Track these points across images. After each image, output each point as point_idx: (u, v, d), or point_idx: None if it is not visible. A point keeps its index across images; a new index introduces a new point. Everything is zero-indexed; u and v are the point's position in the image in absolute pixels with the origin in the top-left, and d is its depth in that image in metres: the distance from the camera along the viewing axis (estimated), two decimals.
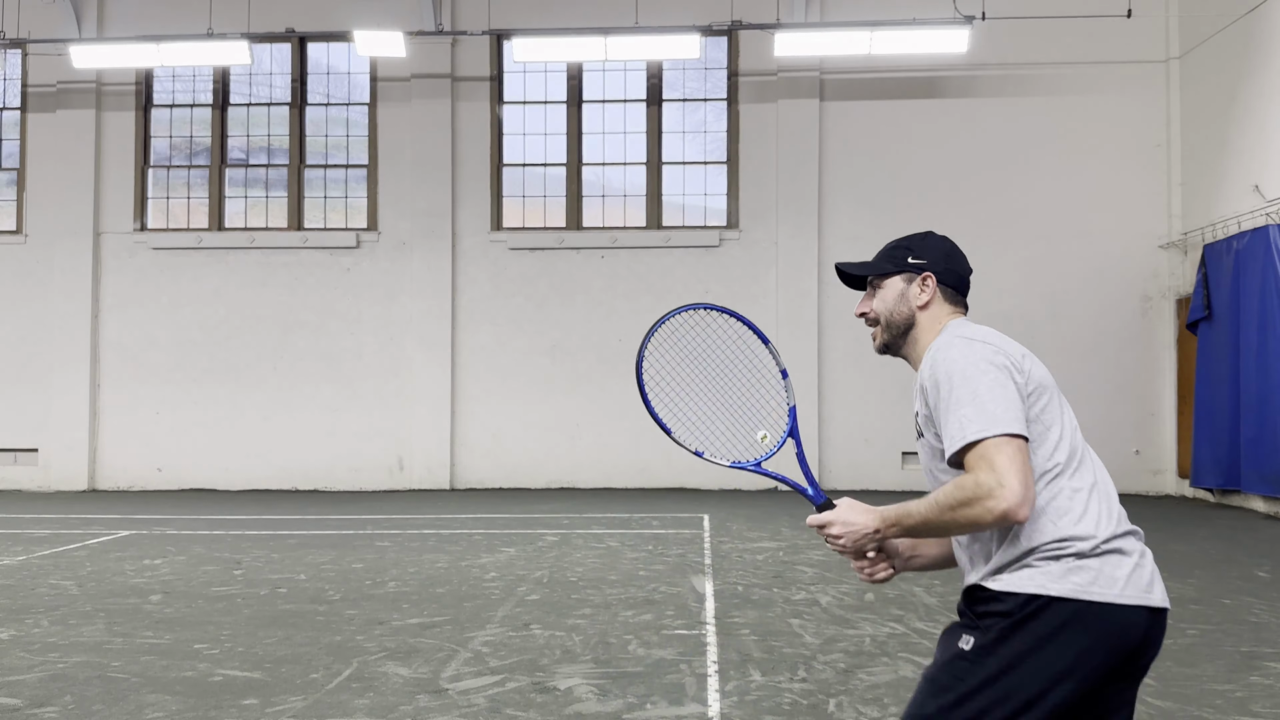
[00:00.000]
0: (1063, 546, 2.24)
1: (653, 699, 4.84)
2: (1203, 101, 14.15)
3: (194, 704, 4.80)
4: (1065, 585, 2.19)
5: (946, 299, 2.59)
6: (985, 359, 2.33)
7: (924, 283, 2.55)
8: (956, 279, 2.60)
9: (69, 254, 15.80)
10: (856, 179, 15.27)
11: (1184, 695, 4.89)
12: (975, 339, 2.41)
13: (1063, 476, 2.31)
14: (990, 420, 2.20)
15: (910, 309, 2.56)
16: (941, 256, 2.58)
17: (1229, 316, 12.78)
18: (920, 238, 2.62)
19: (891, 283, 2.58)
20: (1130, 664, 2.25)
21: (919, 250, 2.57)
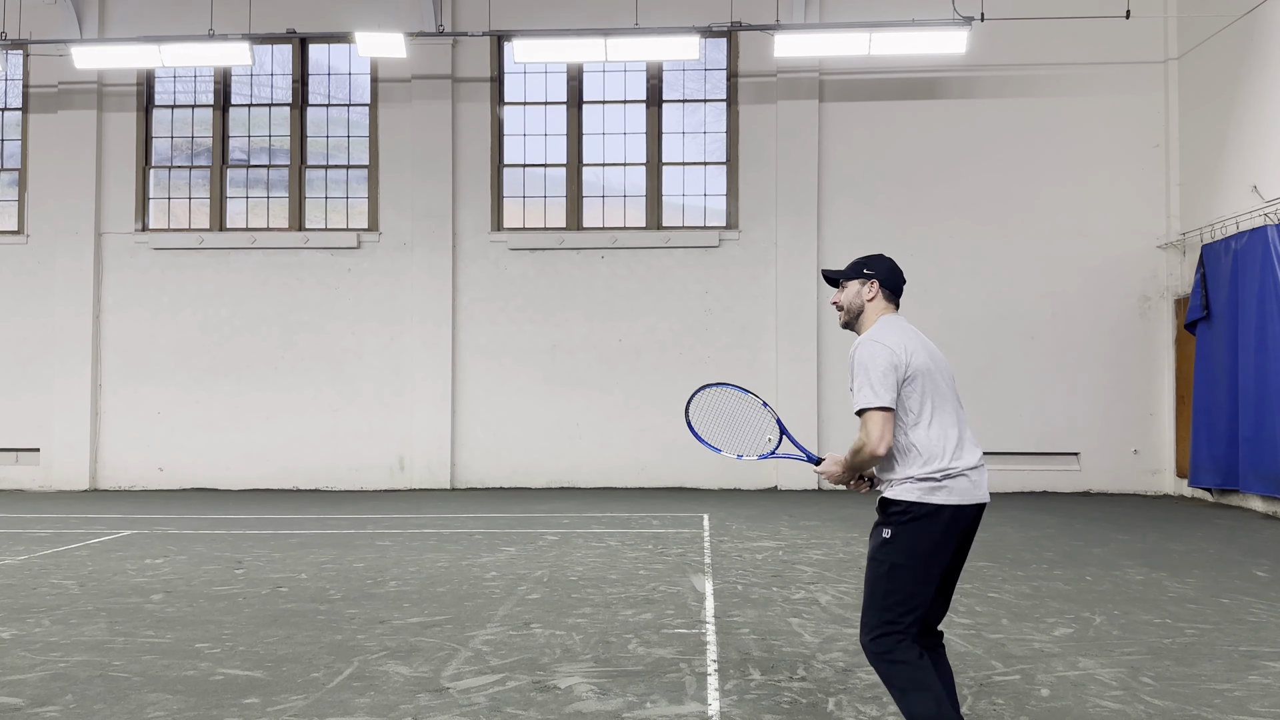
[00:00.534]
0: (923, 472, 3.66)
1: (653, 698, 4.86)
2: (1201, 102, 14.17)
3: (195, 703, 4.83)
4: (927, 496, 3.65)
5: (885, 298, 3.91)
6: (880, 357, 3.67)
7: (870, 285, 3.91)
8: (893, 285, 3.93)
9: (70, 254, 15.83)
10: (856, 179, 15.30)
11: (1183, 694, 4.91)
12: (880, 342, 3.72)
13: (920, 427, 3.70)
14: (872, 397, 3.63)
15: (861, 302, 3.93)
16: (885, 270, 3.93)
17: (1227, 316, 12.80)
18: (874, 257, 3.98)
19: (852, 284, 3.95)
20: (969, 531, 3.77)
21: (871, 265, 3.94)
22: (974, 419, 14.31)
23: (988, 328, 15.10)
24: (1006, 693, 4.93)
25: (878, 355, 3.66)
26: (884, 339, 3.71)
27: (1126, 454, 14.86)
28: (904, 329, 3.79)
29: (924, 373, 3.72)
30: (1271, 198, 12.11)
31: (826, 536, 10.18)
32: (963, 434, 3.75)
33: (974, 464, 3.72)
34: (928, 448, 3.66)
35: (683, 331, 15.39)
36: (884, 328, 3.78)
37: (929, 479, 3.64)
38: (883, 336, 3.73)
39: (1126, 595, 7.27)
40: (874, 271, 3.90)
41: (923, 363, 3.72)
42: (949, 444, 3.69)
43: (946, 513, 3.64)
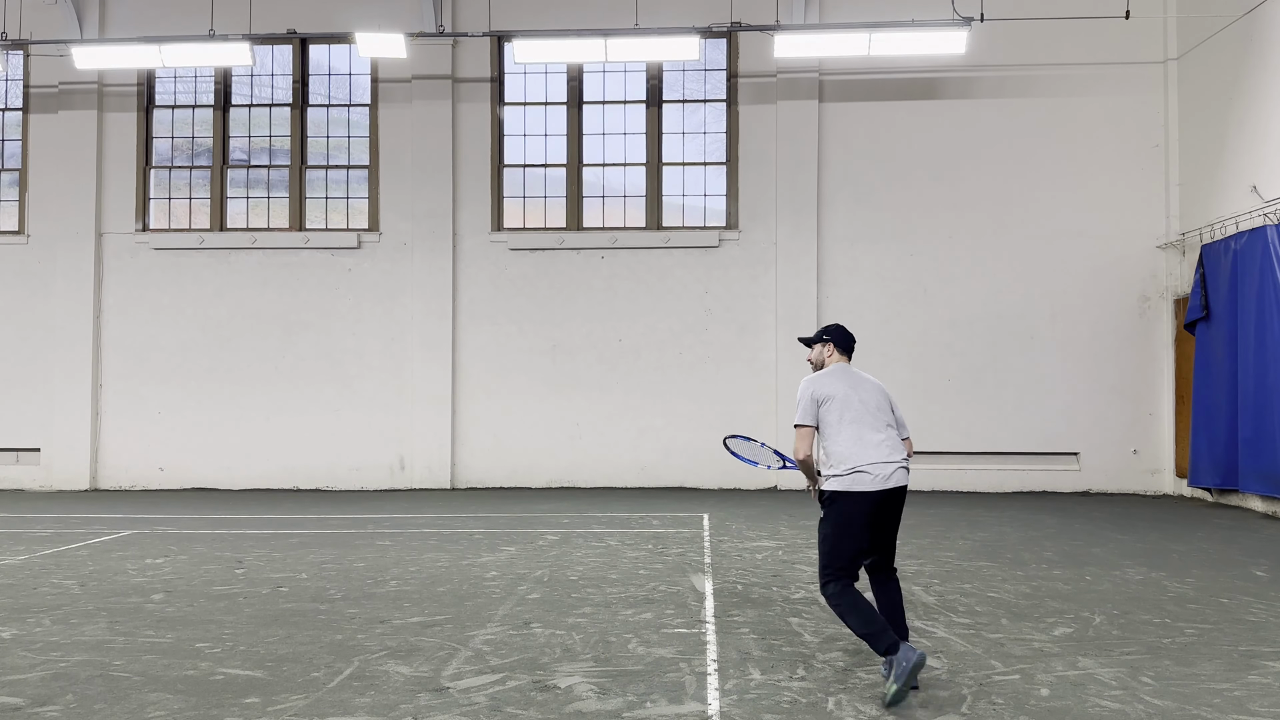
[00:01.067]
0: (836, 469, 5.14)
1: (653, 697, 4.87)
2: (1201, 102, 14.18)
3: (196, 703, 4.83)
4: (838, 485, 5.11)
5: (838, 352, 5.52)
6: (806, 390, 5.30)
7: (825, 346, 5.54)
8: (844, 346, 5.53)
9: (71, 254, 15.84)
10: (855, 180, 15.30)
11: (1182, 694, 4.92)
12: (812, 379, 5.35)
13: (833, 439, 5.20)
14: (799, 418, 5.29)
15: (821, 358, 5.54)
16: (838, 335, 5.54)
17: (1227, 316, 12.81)
18: (831, 327, 5.61)
19: (818, 346, 5.58)
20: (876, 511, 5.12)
21: (828, 332, 5.57)
22: (974, 418, 14.31)
23: (988, 328, 15.11)
24: (1006, 692, 4.94)
25: (804, 388, 5.34)
26: (817, 378, 5.38)
27: (1126, 454, 14.87)
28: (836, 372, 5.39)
29: (836, 397, 5.25)
30: (1271, 198, 12.12)
31: None
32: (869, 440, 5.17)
33: (877, 461, 5.12)
34: (840, 451, 5.17)
35: (683, 331, 15.40)
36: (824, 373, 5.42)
37: (840, 474, 5.13)
38: (817, 376, 5.39)
39: (1126, 595, 7.28)
40: (829, 336, 5.56)
41: (835, 391, 5.27)
42: (857, 448, 5.15)
43: (853, 498, 5.10)
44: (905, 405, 15.29)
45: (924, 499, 13.81)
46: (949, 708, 4.69)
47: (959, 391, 15.09)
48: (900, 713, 4.62)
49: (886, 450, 5.16)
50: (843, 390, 5.25)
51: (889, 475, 5.10)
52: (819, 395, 5.26)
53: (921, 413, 15.12)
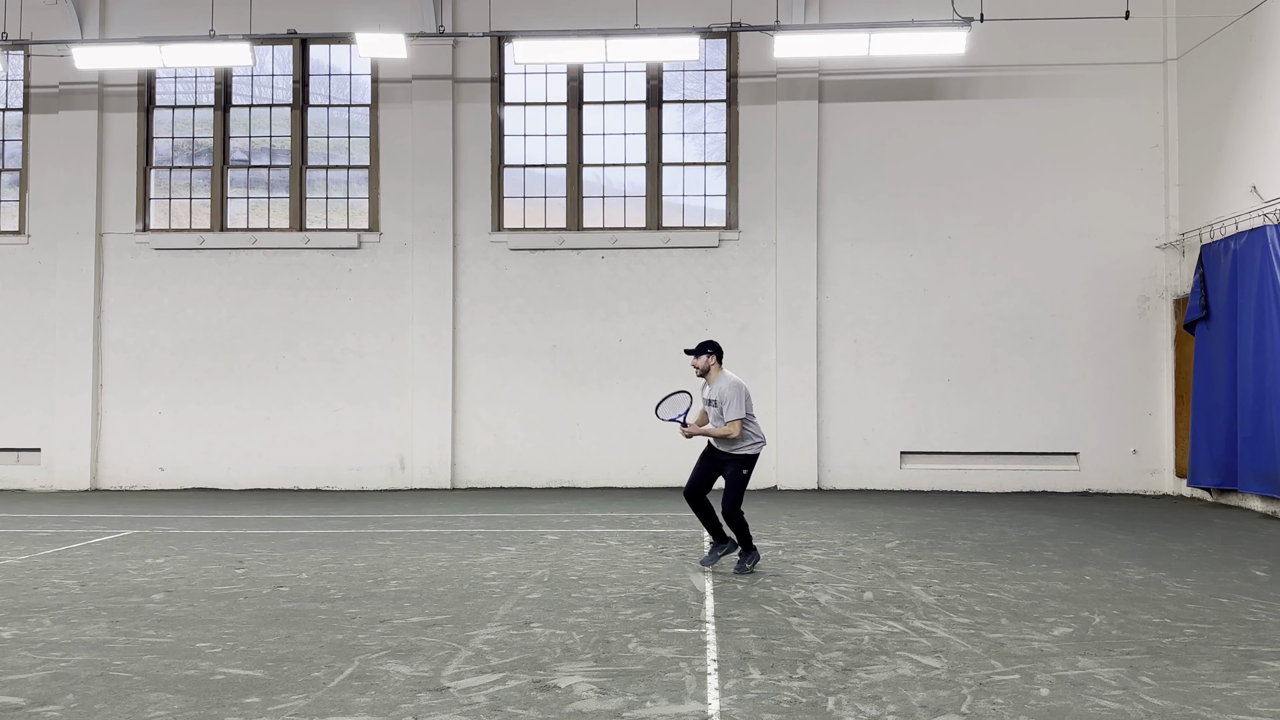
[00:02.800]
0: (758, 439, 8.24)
1: (653, 697, 4.87)
2: (1200, 102, 14.18)
3: (196, 702, 4.84)
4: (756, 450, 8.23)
5: (719, 362, 8.28)
6: (743, 392, 8.10)
7: (710, 357, 8.24)
8: (721, 355, 8.29)
9: (71, 254, 15.85)
10: (855, 180, 15.31)
11: (1182, 694, 4.92)
12: (737, 384, 8.11)
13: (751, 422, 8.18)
14: (737, 412, 8.05)
15: (708, 365, 8.24)
16: (717, 348, 8.29)
17: (1226, 317, 12.81)
18: (709, 342, 8.32)
19: (702, 356, 8.25)
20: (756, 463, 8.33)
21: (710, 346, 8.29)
22: (974, 419, 14.30)
23: (988, 328, 15.12)
24: (1006, 692, 4.94)
25: (738, 389, 8.02)
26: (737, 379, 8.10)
27: (1126, 454, 14.88)
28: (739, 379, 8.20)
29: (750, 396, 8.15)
30: (1270, 198, 12.12)
31: (826, 536, 10.19)
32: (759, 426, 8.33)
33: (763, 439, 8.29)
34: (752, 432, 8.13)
35: (683, 331, 15.40)
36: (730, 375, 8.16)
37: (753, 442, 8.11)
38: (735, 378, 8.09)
39: (1126, 595, 7.29)
40: (711, 350, 8.21)
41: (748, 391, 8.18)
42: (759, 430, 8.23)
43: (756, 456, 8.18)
44: (905, 405, 15.46)
45: (924, 499, 13.82)
46: (949, 708, 4.70)
47: (959, 391, 15.10)
48: (901, 712, 4.62)
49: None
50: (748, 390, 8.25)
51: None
52: (748, 394, 8.12)
53: (921, 413, 15.14)
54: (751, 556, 8.17)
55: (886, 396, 15.15)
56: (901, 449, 15.14)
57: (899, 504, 13.16)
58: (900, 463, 15.13)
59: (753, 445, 8.08)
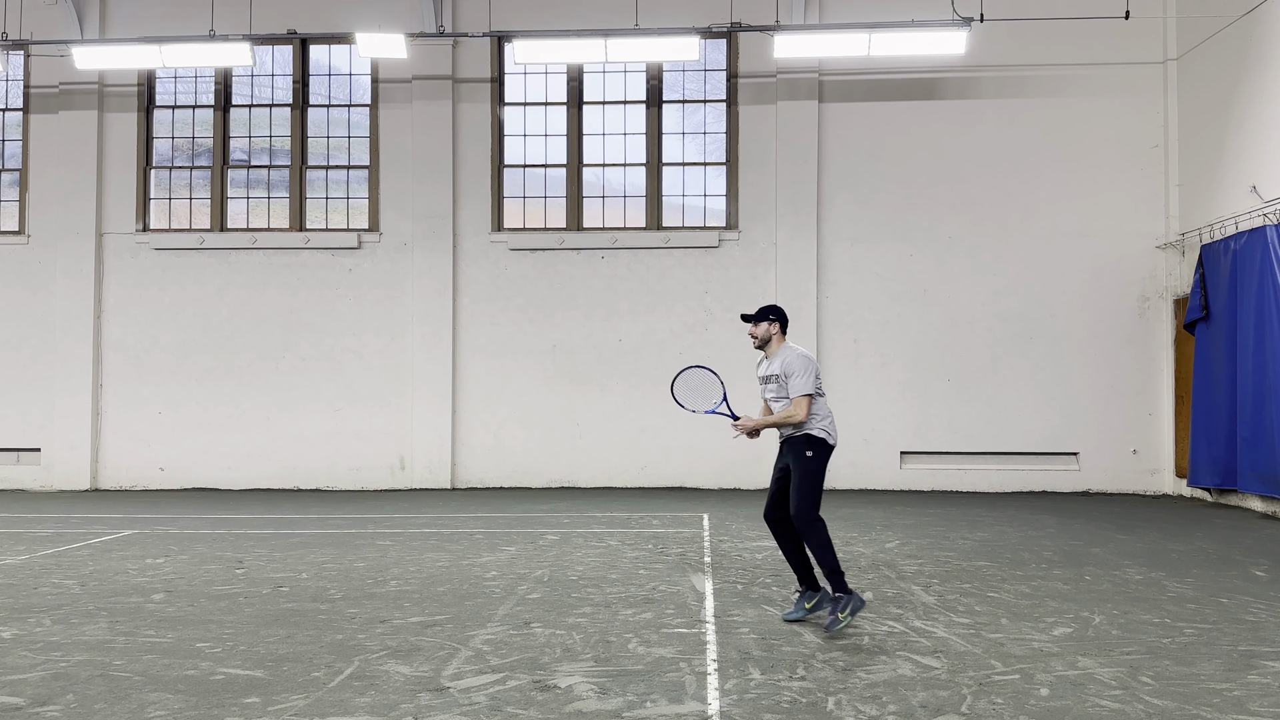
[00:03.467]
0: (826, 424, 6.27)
1: (653, 697, 4.87)
2: (1200, 103, 14.18)
3: (196, 702, 4.84)
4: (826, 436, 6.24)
5: (783, 332, 6.48)
6: (810, 365, 6.23)
7: (772, 325, 6.45)
8: (785, 324, 6.51)
9: (71, 255, 15.85)
10: (855, 180, 15.31)
11: (1182, 694, 4.92)
12: (804, 355, 6.28)
13: (821, 402, 6.31)
14: (804, 385, 6.18)
15: (769, 334, 6.45)
16: (781, 314, 6.50)
17: (1226, 317, 12.81)
18: (772, 306, 6.50)
19: (762, 324, 6.46)
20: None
21: (773, 312, 6.49)
22: (974, 419, 14.32)
23: (988, 328, 15.12)
24: (1006, 692, 4.94)
25: (805, 362, 6.30)
26: (804, 351, 6.37)
27: (1126, 454, 14.88)
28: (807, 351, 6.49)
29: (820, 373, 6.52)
30: (1270, 198, 12.12)
31: None
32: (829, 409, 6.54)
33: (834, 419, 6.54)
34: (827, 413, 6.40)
35: (683, 331, 15.40)
36: (797, 346, 6.42)
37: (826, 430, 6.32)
38: (802, 350, 6.37)
39: (1126, 595, 7.29)
40: (775, 315, 6.50)
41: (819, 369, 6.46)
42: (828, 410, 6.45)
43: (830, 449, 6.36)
44: (905, 405, 15.43)
45: (924, 499, 13.82)
46: (949, 708, 4.70)
47: (959, 392, 15.10)
48: (901, 712, 4.62)
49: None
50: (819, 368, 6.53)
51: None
52: (818, 370, 6.40)
53: (921, 413, 15.14)
54: (843, 602, 6.04)
55: (886, 396, 15.15)
56: (901, 449, 15.14)
57: (899, 504, 13.16)
58: (900, 463, 15.12)
59: (821, 424, 6.30)
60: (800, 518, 6.09)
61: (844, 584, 6.06)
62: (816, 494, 6.14)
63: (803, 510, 6.09)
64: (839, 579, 6.04)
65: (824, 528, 6.11)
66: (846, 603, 6.02)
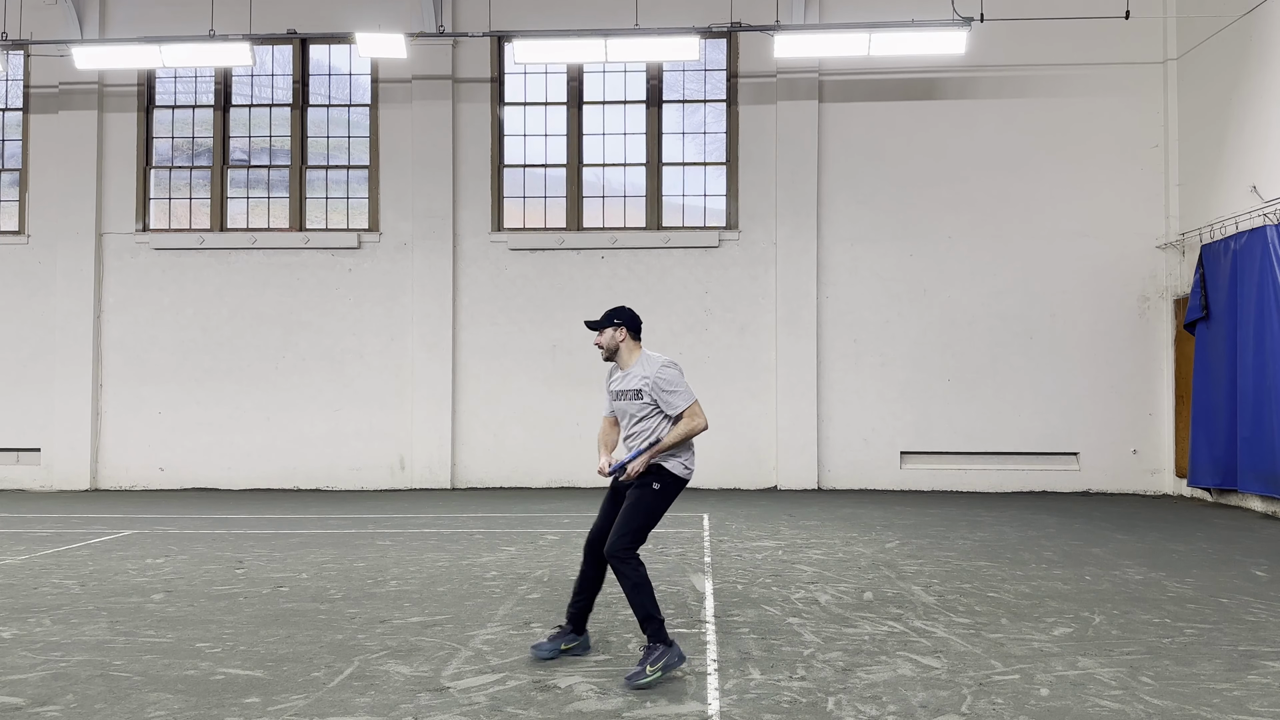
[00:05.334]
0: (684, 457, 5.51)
1: (652, 697, 4.87)
2: (1200, 102, 14.18)
3: (196, 702, 4.84)
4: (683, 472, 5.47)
5: (635, 337, 5.61)
6: (678, 373, 5.46)
7: (618, 331, 5.58)
8: (637, 328, 5.62)
9: (71, 254, 15.85)
10: (855, 180, 15.31)
11: (1182, 694, 4.92)
12: (670, 363, 5.47)
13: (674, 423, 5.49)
14: (689, 395, 5.41)
15: (615, 342, 5.60)
16: (629, 316, 5.60)
17: (1226, 317, 12.81)
18: (619, 309, 5.60)
19: (607, 330, 5.60)
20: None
21: (618, 315, 5.59)
22: (974, 419, 14.32)
23: (987, 328, 15.12)
24: (1006, 692, 4.94)
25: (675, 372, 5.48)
26: (667, 360, 5.49)
27: (1126, 454, 14.88)
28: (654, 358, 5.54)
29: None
30: (1270, 198, 12.12)
31: (826, 536, 10.19)
32: None
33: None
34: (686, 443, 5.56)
35: (683, 331, 15.40)
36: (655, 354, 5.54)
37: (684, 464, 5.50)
38: (664, 359, 5.48)
39: (1126, 595, 7.29)
40: (621, 320, 5.58)
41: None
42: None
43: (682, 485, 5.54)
44: (905, 405, 15.44)
45: (924, 499, 13.82)
46: (949, 708, 4.70)
47: (959, 392, 15.10)
48: (901, 712, 4.62)
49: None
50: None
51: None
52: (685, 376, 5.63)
53: (922, 413, 15.13)
54: (656, 654, 5.12)
55: (886, 396, 15.14)
56: (901, 449, 15.14)
57: (899, 504, 13.16)
58: (900, 463, 15.12)
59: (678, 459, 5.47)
60: (616, 552, 5.21)
61: (662, 632, 5.15)
62: (644, 531, 5.32)
63: (623, 545, 5.22)
64: (656, 626, 5.15)
65: (641, 566, 5.24)
66: (660, 654, 5.08)
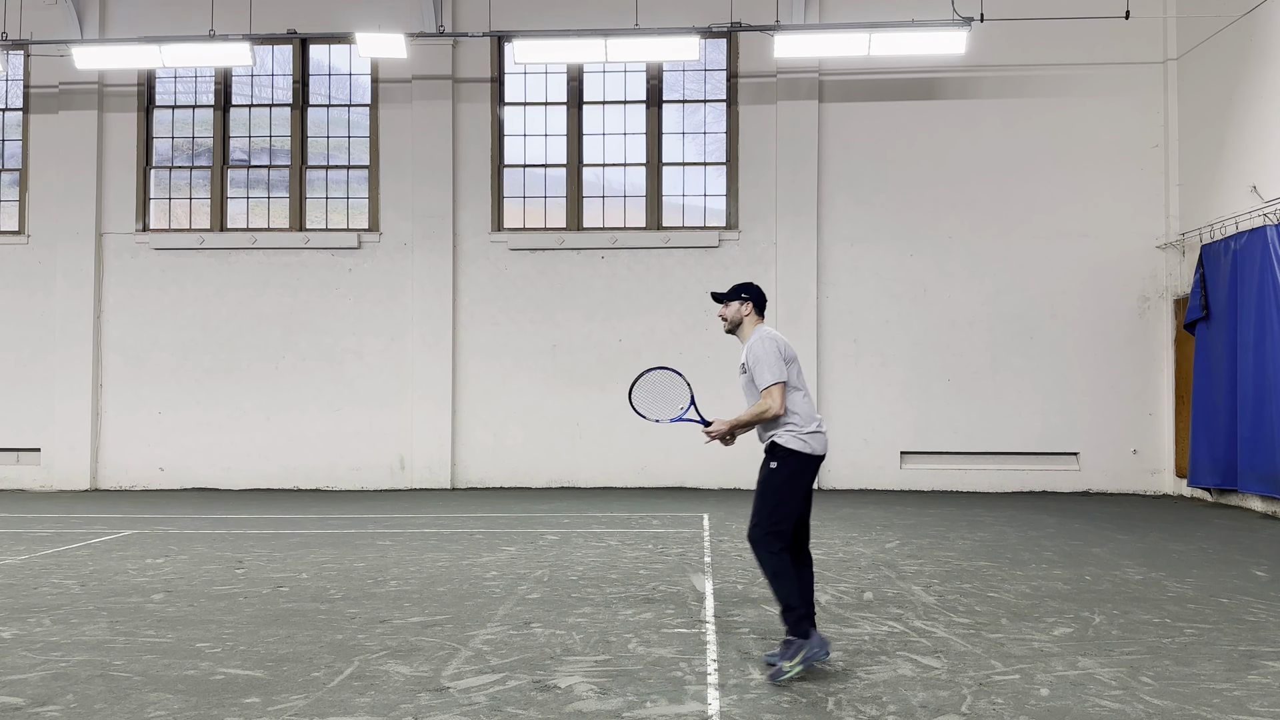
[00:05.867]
0: (797, 428, 5.30)
1: (653, 697, 4.87)
2: (1200, 102, 14.18)
3: (196, 702, 4.84)
4: (797, 444, 5.27)
5: (759, 313, 5.57)
6: (771, 347, 5.29)
7: (744, 305, 5.55)
8: (761, 305, 5.58)
9: (71, 254, 15.85)
10: (855, 180, 15.31)
11: (1182, 694, 4.92)
12: (767, 337, 5.36)
13: (793, 398, 5.31)
14: (771, 376, 5.24)
15: (740, 316, 5.56)
16: (757, 294, 5.56)
17: (1226, 317, 12.81)
18: (751, 285, 5.59)
19: (733, 303, 5.57)
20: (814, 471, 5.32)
21: (748, 290, 5.56)
22: (974, 419, 14.29)
23: (988, 328, 15.12)
24: (1006, 692, 4.94)
25: (768, 346, 5.31)
26: (769, 334, 5.40)
27: (1126, 454, 14.88)
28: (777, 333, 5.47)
29: (795, 360, 5.41)
30: (1271, 198, 12.12)
31: (826, 536, 10.19)
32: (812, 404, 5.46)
33: (820, 426, 5.40)
34: (798, 409, 5.33)
35: (683, 331, 15.40)
36: (765, 329, 5.47)
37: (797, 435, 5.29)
38: (767, 333, 5.41)
39: (1126, 595, 7.29)
40: (748, 294, 5.56)
41: (793, 353, 5.43)
42: (810, 409, 5.39)
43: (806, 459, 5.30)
44: (905, 405, 15.44)
45: (924, 499, 13.82)
46: (949, 708, 4.70)
47: (959, 391, 15.10)
48: (901, 712, 4.62)
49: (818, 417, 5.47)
50: (793, 352, 5.44)
51: (825, 442, 5.41)
52: (787, 353, 5.36)
53: (921, 413, 15.13)
54: (792, 648, 5.05)
55: (886, 396, 15.14)
56: (901, 449, 15.14)
57: (899, 504, 13.16)
58: (900, 463, 15.12)
59: (790, 431, 5.26)
60: (751, 537, 5.24)
61: (800, 625, 5.07)
62: (774, 514, 5.16)
63: (757, 530, 5.20)
64: (795, 618, 5.08)
65: (779, 554, 5.14)
66: (797, 649, 5.00)
